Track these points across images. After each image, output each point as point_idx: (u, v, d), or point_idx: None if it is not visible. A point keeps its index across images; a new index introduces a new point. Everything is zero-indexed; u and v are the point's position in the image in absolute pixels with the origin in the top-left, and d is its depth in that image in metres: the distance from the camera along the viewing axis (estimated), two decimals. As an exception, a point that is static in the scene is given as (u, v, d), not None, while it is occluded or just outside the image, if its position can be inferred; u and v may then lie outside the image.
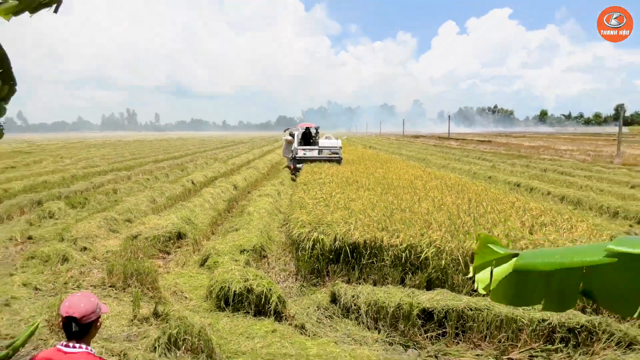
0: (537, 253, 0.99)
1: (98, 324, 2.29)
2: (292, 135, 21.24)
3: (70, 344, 2.17)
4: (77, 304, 2.19)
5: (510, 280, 1.04)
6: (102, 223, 9.70)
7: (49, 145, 54.93)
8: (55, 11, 2.34)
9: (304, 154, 19.58)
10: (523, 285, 1.02)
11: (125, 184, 17.13)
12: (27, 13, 2.22)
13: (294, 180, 17.41)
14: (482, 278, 1.12)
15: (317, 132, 22.28)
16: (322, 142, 21.20)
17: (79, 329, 2.17)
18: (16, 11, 2.18)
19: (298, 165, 18.86)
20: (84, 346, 2.18)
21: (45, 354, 2.18)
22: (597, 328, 4.89)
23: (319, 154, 19.74)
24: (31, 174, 19.56)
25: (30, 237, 9.36)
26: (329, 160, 19.17)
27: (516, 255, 1.05)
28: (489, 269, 1.10)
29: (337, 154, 19.87)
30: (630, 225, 10.92)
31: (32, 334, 2.36)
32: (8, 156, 32.16)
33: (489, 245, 1.12)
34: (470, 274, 1.15)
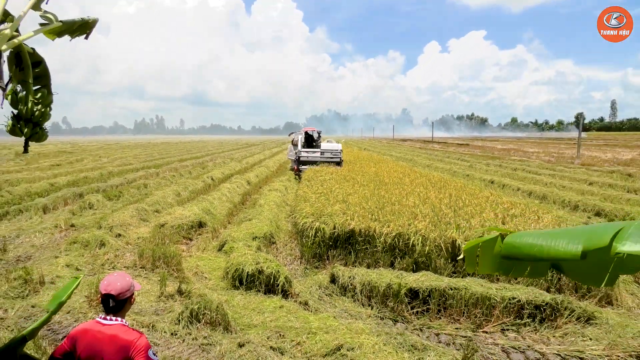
0: (521, 240, 0.97)
1: (132, 300, 2.28)
2: (296, 138, 20.16)
3: (108, 317, 2.17)
4: (114, 282, 2.19)
5: (495, 258, 1.03)
6: (134, 213, 9.69)
7: (89, 146, 54.93)
8: (87, 38, 2.33)
9: (307, 156, 18.11)
10: (505, 263, 1.00)
11: (154, 179, 17.11)
12: (67, 37, 2.21)
13: (297, 179, 16.79)
14: (470, 257, 1.11)
15: (319, 136, 20.92)
16: (324, 145, 19.88)
17: (115, 304, 2.18)
18: (59, 32, 2.16)
19: (301, 167, 17.51)
20: (119, 319, 2.19)
21: (85, 325, 2.19)
22: (560, 305, 4.86)
23: (321, 156, 18.23)
24: (74, 171, 19.56)
25: (72, 225, 9.35)
26: (330, 162, 17.76)
27: (501, 236, 1.04)
28: (478, 247, 1.08)
29: (337, 156, 18.41)
30: (589, 217, 10.88)
31: (75, 287, 2.35)
32: (54, 155, 32.16)
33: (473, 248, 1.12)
34: (461, 256, 1.13)
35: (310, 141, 20.51)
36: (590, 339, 4.56)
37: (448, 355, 4.11)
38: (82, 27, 2.27)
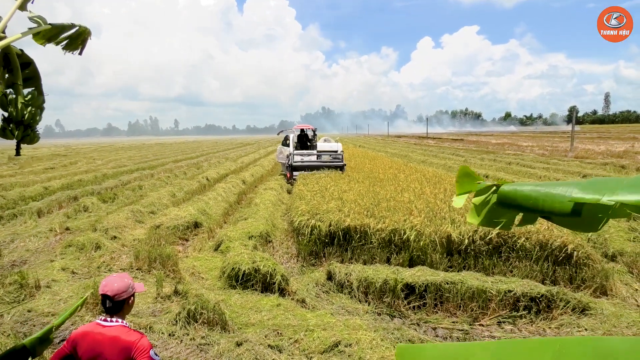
0: (517, 188, 0.99)
1: (130, 301, 2.27)
2: (287, 138, 16.66)
3: (108, 319, 2.17)
4: (111, 283, 2.19)
5: (488, 208, 1.09)
6: (129, 215, 9.65)
7: (83, 148, 54.62)
8: (80, 53, 2.32)
9: (301, 160, 15.02)
10: (498, 212, 1.06)
11: (149, 181, 17.04)
12: (59, 46, 2.19)
13: (290, 184, 14.17)
14: (459, 201, 1.13)
15: (314, 134, 17.71)
16: (321, 145, 16.56)
17: (112, 305, 2.18)
18: (49, 37, 2.14)
19: (295, 174, 14.31)
20: (120, 320, 2.19)
21: (85, 328, 2.19)
22: (555, 297, 4.90)
23: (318, 159, 15.21)
24: (68, 174, 19.44)
25: (67, 228, 9.31)
26: (330, 166, 14.57)
27: (496, 186, 1.06)
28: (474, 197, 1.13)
29: (339, 159, 15.15)
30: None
31: (81, 305, 2.33)
32: (48, 158, 31.96)
33: (468, 174, 1.13)
34: (455, 203, 1.14)
35: (305, 141, 17.42)
36: (586, 329, 4.60)
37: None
38: (74, 40, 2.25)
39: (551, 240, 5.80)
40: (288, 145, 16.04)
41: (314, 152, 15.59)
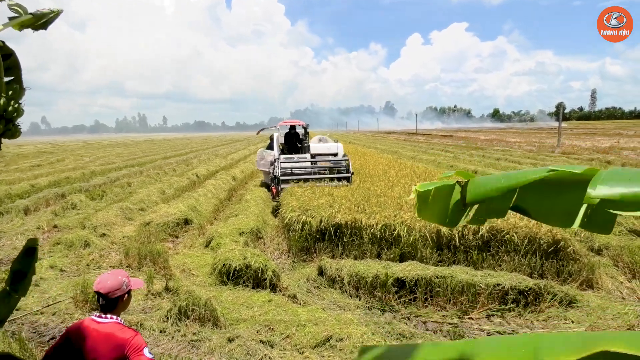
0: (482, 183, 0.93)
1: (125, 299, 2.26)
2: (271, 139, 12.96)
3: (103, 315, 2.17)
4: (104, 281, 2.19)
5: (446, 205, 0.97)
6: (118, 212, 9.57)
7: (70, 145, 53.90)
8: (45, 28, 2.27)
9: (291, 167, 10.86)
10: (459, 210, 0.96)
11: (138, 178, 16.90)
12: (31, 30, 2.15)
13: (275, 211, 9.89)
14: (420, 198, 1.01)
15: (306, 132, 13.74)
16: (316, 146, 12.59)
17: (106, 302, 2.18)
18: (27, 25, 2.11)
19: (283, 186, 10.12)
20: (114, 317, 2.19)
21: (80, 323, 2.19)
22: (543, 290, 4.98)
23: (313, 166, 11.35)
24: (55, 171, 19.18)
25: (55, 226, 9.20)
26: (332, 178, 10.29)
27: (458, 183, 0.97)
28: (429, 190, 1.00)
29: (342, 166, 10.84)
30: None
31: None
32: (34, 156, 31.50)
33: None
34: (412, 196, 1.01)
35: (294, 141, 13.47)
36: (572, 321, 4.68)
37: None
38: (47, 22, 2.22)
39: (539, 235, 5.89)
40: (272, 148, 12.44)
41: (307, 158, 11.87)
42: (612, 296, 5.40)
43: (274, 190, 10.54)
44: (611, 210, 0.74)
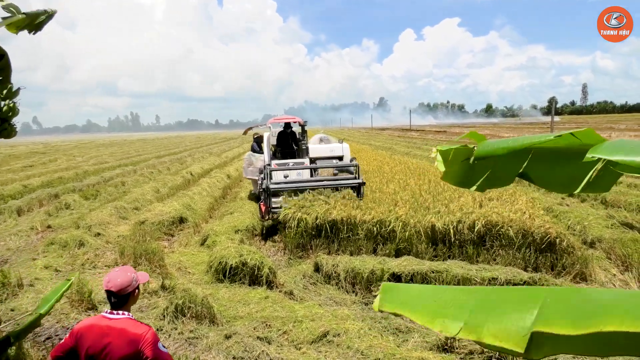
0: (492, 142, 1.02)
1: (135, 294, 2.28)
2: (259, 141, 11.06)
3: (114, 312, 2.18)
4: (114, 279, 2.19)
5: (463, 167, 1.10)
6: (112, 211, 9.52)
7: (62, 145, 53.50)
8: (40, 30, 2.25)
9: (285, 177, 8.52)
10: (472, 171, 1.07)
11: (131, 177, 16.81)
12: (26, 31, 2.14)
13: (262, 222, 8.36)
14: (440, 162, 1.18)
15: (304, 131, 10.84)
16: (315, 148, 10.16)
17: (117, 299, 2.19)
18: (22, 27, 2.10)
19: (274, 201, 8.11)
20: (126, 313, 2.20)
21: (91, 320, 2.20)
22: (537, 283, 5.02)
23: (313, 174, 9.28)
24: (47, 171, 19.03)
25: (49, 226, 9.14)
26: (339, 186, 8.01)
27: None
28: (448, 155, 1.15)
29: (350, 172, 8.79)
30: (562, 198, 11.19)
31: (67, 288, 2.30)
32: (26, 156, 31.24)
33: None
34: (433, 154, 1.19)
35: (290, 142, 10.84)
36: (566, 313, 4.73)
37: (431, 335, 4.21)
38: (41, 23, 2.20)
39: (533, 229, 5.94)
40: (261, 152, 10.35)
41: (306, 164, 9.55)
42: (605, 288, 5.46)
43: (263, 208, 7.96)
44: (617, 170, 0.80)
